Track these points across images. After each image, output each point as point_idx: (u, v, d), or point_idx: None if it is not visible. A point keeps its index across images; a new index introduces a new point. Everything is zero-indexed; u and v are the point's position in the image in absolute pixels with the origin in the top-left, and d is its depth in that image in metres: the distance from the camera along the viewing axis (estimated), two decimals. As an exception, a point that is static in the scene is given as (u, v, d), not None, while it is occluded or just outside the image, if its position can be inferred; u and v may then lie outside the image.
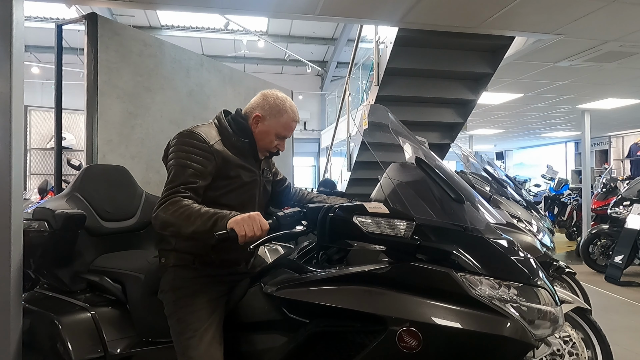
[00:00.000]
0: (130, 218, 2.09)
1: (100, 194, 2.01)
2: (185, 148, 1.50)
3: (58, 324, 1.65)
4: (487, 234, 1.28)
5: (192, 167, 1.47)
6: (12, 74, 1.81)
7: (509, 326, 1.08)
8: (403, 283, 1.16)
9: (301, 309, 1.28)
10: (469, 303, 1.11)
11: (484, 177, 3.33)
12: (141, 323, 1.69)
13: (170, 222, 1.38)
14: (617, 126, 10.47)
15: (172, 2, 3.09)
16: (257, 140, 1.64)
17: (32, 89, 11.33)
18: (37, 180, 5.39)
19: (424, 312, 1.11)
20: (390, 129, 1.47)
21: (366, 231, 1.24)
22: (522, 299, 1.14)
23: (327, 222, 1.30)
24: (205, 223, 1.33)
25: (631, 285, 5.02)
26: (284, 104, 1.64)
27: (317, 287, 1.25)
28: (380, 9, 3.01)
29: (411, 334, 1.09)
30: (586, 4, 3.00)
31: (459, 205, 1.29)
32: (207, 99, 3.45)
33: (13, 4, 1.82)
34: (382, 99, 4.14)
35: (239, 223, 1.28)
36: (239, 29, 10.51)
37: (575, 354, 2.09)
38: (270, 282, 1.36)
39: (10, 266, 1.77)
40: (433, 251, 1.21)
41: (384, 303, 1.15)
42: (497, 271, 1.17)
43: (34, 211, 1.86)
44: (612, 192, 6.69)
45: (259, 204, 1.68)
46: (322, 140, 14.84)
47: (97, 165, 2.20)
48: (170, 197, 1.41)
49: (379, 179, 1.43)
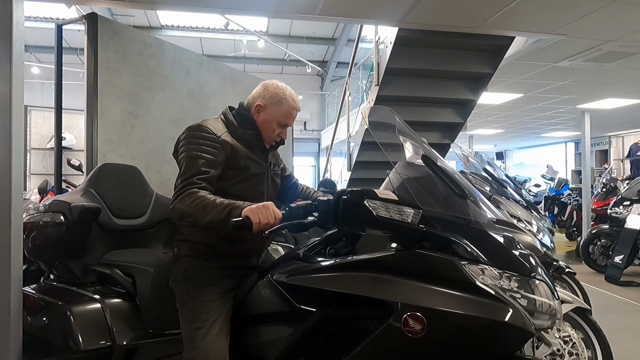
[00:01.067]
0: (141, 217, 2.14)
1: (113, 191, 2.06)
2: (195, 140, 1.55)
3: (68, 314, 1.69)
4: (489, 229, 1.33)
5: (203, 157, 1.52)
6: (12, 74, 1.81)
7: (510, 313, 1.12)
8: (409, 270, 1.21)
9: (309, 297, 1.33)
10: (472, 290, 1.15)
11: (484, 177, 3.33)
12: (149, 315, 1.74)
13: (187, 213, 1.44)
14: (617, 126, 10.47)
15: (172, 2, 3.09)
16: (261, 130, 1.69)
17: (32, 89, 11.33)
18: (37, 180, 5.38)
19: (429, 298, 1.15)
20: (397, 129, 1.52)
21: (376, 214, 1.29)
22: (522, 290, 1.18)
23: (340, 204, 1.35)
24: (220, 213, 1.39)
25: (631, 285, 5.03)
26: (284, 93, 1.69)
27: (325, 273, 1.31)
28: (380, 9, 3.01)
29: (416, 318, 1.12)
30: (586, 4, 3.00)
31: (462, 200, 1.35)
32: (207, 99, 3.45)
33: (13, 4, 1.82)
34: (382, 99, 4.14)
35: (253, 211, 1.34)
36: (239, 29, 10.51)
37: (575, 354, 2.08)
38: (279, 272, 1.42)
39: (10, 266, 1.78)
40: (438, 239, 1.25)
41: (390, 289, 1.19)
42: (499, 262, 1.21)
43: (50, 203, 1.90)
44: (612, 192, 6.68)
45: (268, 196, 1.73)
46: (322, 140, 14.85)
47: (111, 163, 2.24)
48: (186, 189, 1.47)
49: (388, 174, 1.49)
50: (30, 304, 1.87)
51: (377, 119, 1.68)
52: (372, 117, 1.64)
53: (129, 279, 1.81)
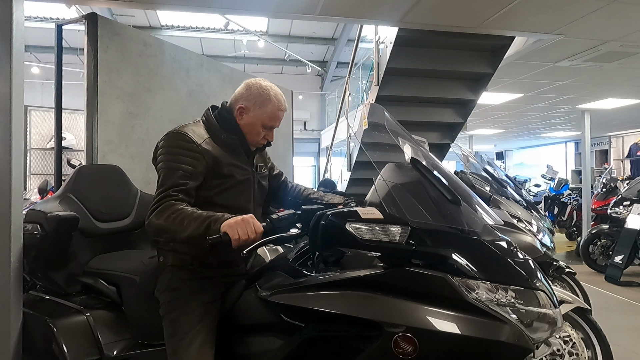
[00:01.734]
0: (125, 218, 2.06)
1: (94, 194, 1.98)
2: (173, 150, 1.47)
3: (53, 327, 1.64)
4: (484, 236, 1.26)
5: (181, 168, 1.43)
6: (12, 74, 1.81)
7: (506, 331, 1.08)
8: (399, 288, 1.15)
9: (296, 313, 1.27)
10: (466, 308, 1.10)
11: (484, 177, 3.33)
12: (137, 325, 1.68)
13: (164, 228, 1.36)
14: (617, 126, 10.47)
15: (172, 2, 3.09)
16: (245, 134, 1.58)
17: (32, 89, 11.32)
18: (37, 180, 5.38)
19: (420, 318, 1.09)
20: (386, 128, 1.45)
21: (360, 238, 1.22)
22: (520, 302, 1.13)
23: (320, 229, 1.26)
24: (199, 227, 1.31)
25: (631, 285, 5.03)
26: (269, 93, 1.56)
27: (312, 292, 1.23)
28: (380, 9, 3.01)
29: (407, 339, 1.07)
30: (586, 4, 3.00)
31: (455, 207, 1.27)
32: (207, 99, 3.44)
33: (13, 4, 1.82)
34: (382, 99, 4.14)
35: (232, 226, 1.26)
36: (239, 29, 10.50)
37: (575, 354, 2.08)
38: (265, 286, 1.35)
39: (10, 266, 1.77)
40: (429, 256, 1.19)
41: (379, 308, 1.13)
42: (494, 275, 1.16)
43: (27, 214, 1.83)
44: (612, 192, 6.68)
45: (256, 201, 1.65)
46: (322, 140, 14.84)
47: (90, 165, 2.17)
48: (162, 202, 1.38)
49: (374, 181, 1.41)
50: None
51: (372, 119, 1.62)
52: (371, 116, 1.58)
53: (114, 288, 1.74)
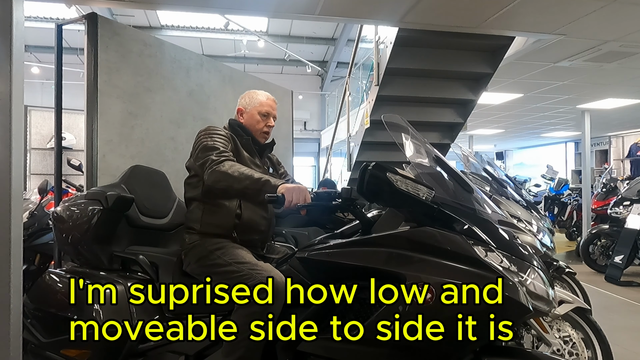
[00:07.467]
0: (164, 217, 2.30)
1: (142, 190, 2.24)
2: (209, 134, 1.80)
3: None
4: (493, 221, 1.48)
5: (218, 143, 1.75)
6: (12, 74, 1.81)
7: (511, 287, 1.25)
8: (420, 245, 1.36)
9: (330, 271, 1.50)
10: (477, 265, 1.29)
11: (484, 177, 3.33)
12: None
13: (225, 177, 1.59)
14: (617, 126, 10.47)
15: (172, 2, 3.09)
16: (249, 128, 1.93)
17: (32, 89, 11.33)
18: (37, 180, 5.38)
19: (438, 271, 1.30)
20: (410, 133, 1.67)
21: (396, 186, 1.40)
22: (522, 273, 1.32)
23: (366, 175, 1.45)
24: (256, 182, 1.53)
25: (631, 285, 5.03)
26: (256, 91, 1.99)
27: (343, 248, 1.49)
28: (380, 9, 3.01)
29: (427, 290, 1.27)
30: (586, 4, 3.01)
31: (469, 195, 1.53)
32: (207, 99, 3.44)
33: (13, 4, 1.82)
34: (382, 99, 4.14)
35: (289, 190, 1.46)
36: (239, 29, 10.51)
37: (575, 354, 2.08)
38: (300, 251, 1.63)
39: (10, 266, 1.77)
40: (447, 219, 1.41)
41: (403, 262, 1.35)
42: (501, 246, 1.37)
43: (87, 193, 2.09)
44: (612, 192, 6.69)
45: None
46: (322, 140, 14.85)
47: (142, 166, 2.41)
48: (222, 158, 1.66)
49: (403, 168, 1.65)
50: (64, 285, 1.94)
51: (394, 127, 1.80)
52: (390, 124, 1.75)
53: (152, 266, 1.94)
